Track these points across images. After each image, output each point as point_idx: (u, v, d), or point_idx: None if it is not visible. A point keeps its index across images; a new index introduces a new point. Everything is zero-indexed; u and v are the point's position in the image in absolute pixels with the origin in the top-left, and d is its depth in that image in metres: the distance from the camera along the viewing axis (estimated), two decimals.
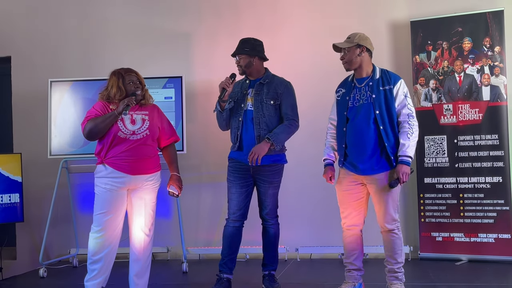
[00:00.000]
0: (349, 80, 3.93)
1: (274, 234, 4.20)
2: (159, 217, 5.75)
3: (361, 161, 3.73)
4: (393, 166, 3.70)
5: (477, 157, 5.02)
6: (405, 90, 3.76)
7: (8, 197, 5.38)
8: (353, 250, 3.90)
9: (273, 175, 4.12)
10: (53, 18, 6.18)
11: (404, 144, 3.67)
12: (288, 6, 5.76)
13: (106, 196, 3.78)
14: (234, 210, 4.12)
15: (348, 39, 3.83)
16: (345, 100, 3.84)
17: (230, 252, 4.15)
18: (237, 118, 4.12)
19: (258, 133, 4.06)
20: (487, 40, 5.02)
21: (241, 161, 4.10)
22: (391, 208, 3.73)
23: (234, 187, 4.12)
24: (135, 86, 3.89)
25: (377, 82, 3.78)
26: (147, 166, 3.84)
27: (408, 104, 3.74)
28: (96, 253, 3.77)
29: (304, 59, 5.66)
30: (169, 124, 4.09)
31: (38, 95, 5.90)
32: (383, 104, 3.72)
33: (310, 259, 5.51)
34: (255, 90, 4.14)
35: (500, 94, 4.98)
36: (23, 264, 5.83)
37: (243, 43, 4.19)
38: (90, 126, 3.76)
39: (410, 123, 3.70)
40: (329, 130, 4.00)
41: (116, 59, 5.92)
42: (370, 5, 5.58)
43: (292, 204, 5.55)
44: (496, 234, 4.93)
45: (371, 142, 3.71)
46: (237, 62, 4.16)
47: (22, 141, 6.08)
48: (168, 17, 5.97)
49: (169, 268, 5.42)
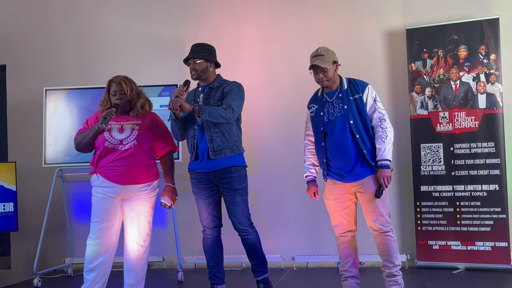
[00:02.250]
0: (319, 95, 3.96)
1: (252, 243, 4.06)
2: (155, 226, 5.71)
3: (346, 171, 3.79)
4: (375, 170, 3.76)
5: (474, 165, 5.01)
6: (373, 95, 3.81)
7: (2, 206, 5.35)
8: (347, 257, 3.91)
9: (236, 182, 3.97)
10: (48, 27, 6.17)
11: (380, 148, 3.74)
12: (285, 16, 5.75)
13: (99, 205, 3.79)
14: (207, 221, 4.07)
15: (322, 57, 3.78)
16: (320, 116, 3.88)
17: (216, 263, 4.11)
18: (193, 127, 4.01)
19: (210, 136, 3.93)
20: (483, 48, 5.03)
21: (200, 170, 4.00)
22: (382, 210, 3.77)
23: (201, 199, 4.05)
24: (118, 97, 3.84)
25: (346, 92, 3.82)
26: (139, 176, 3.81)
27: (379, 108, 3.79)
28: (92, 261, 3.77)
29: (302, 65, 5.65)
30: (166, 133, 4.04)
31: (33, 103, 5.89)
32: (356, 113, 3.77)
33: (306, 267, 5.48)
34: (204, 95, 4.05)
35: (496, 102, 4.98)
36: (18, 274, 5.79)
37: (200, 47, 4.09)
38: (78, 141, 3.86)
39: (383, 127, 3.77)
40: (306, 146, 4.03)
41: (111, 67, 5.90)
42: (365, 14, 5.58)
43: (288, 213, 5.55)
44: (493, 242, 4.91)
45: (351, 152, 3.76)
46: (192, 66, 4.03)
47: (17, 150, 6.05)
48: (164, 25, 5.96)
49: (165, 277, 5.39)
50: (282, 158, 5.60)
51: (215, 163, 3.94)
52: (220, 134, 3.93)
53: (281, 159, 5.60)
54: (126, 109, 3.89)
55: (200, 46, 4.11)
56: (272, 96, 5.68)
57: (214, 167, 3.94)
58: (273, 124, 5.67)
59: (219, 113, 3.84)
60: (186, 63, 4.12)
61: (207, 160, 3.95)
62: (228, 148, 3.96)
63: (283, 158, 5.60)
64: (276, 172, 5.62)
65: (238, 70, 4.83)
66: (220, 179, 3.97)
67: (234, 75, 4.36)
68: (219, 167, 3.94)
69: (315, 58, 3.78)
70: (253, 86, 4.30)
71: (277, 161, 5.63)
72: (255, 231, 4.10)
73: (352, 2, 5.62)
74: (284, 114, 5.64)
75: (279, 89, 5.68)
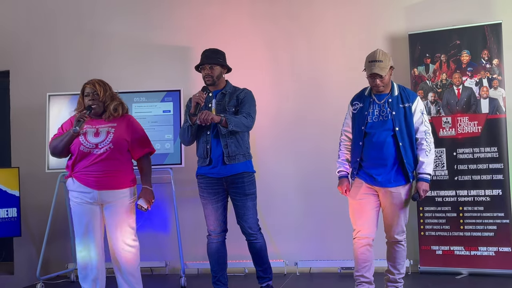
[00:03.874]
0: (366, 94, 3.91)
1: (260, 247, 4.09)
2: (157, 231, 5.76)
3: (380, 174, 3.75)
4: (409, 181, 3.76)
5: (477, 170, 5.00)
6: (422, 108, 3.81)
7: (5, 212, 5.35)
8: (365, 262, 3.85)
9: (248, 187, 4.02)
10: (52, 33, 6.18)
11: (424, 162, 3.74)
12: (286, 21, 5.76)
13: (78, 210, 3.76)
14: (214, 226, 4.07)
15: (380, 63, 3.69)
16: (363, 115, 3.84)
17: (220, 268, 4.12)
18: (205, 132, 4.02)
19: (225, 142, 3.97)
20: (485, 52, 5.03)
21: (213, 175, 4.02)
22: (402, 221, 3.79)
23: (209, 204, 4.06)
24: (91, 98, 3.80)
25: (396, 99, 3.79)
26: (116, 181, 3.75)
27: (425, 121, 3.79)
28: (82, 267, 3.78)
29: (301, 73, 5.67)
30: (143, 135, 3.96)
31: (36, 109, 5.89)
32: (402, 121, 3.75)
33: (309, 273, 5.47)
34: (217, 100, 4.08)
35: (499, 107, 4.97)
36: (21, 279, 5.77)
37: (215, 53, 4.12)
38: (53, 146, 3.82)
39: (428, 140, 3.76)
40: (343, 142, 3.99)
41: (114, 73, 5.92)
42: (368, 18, 5.59)
43: (291, 218, 5.54)
44: (496, 248, 4.90)
45: (390, 157, 3.74)
46: (208, 72, 4.06)
47: (20, 155, 6.06)
48: (167, 30, 5.97)
49: (167, 283, 5.38)
50: (284, 163, 5.60)
51: (229, 168, 3.98)
52: (234, 140, 3.99)
53: (284, 164, 5.60)
54: (100, 111, 3.84)
55: (214, 51, 4.14)
56: (275, 101, 5.68)
57: (228, 173, 3.98)
58: (275, 129, 5.67)
59: (243, 122, 3.94)
60: (198, 69, 4.15)
61: (221, 165, 3.98)
62: (241, 154, 4.02)
63: (286, 163, 5.60)
64: (278, 177, 5.61)
65: (241, 75, 4.82)
66: (232, 184, 4.00)
67: (239, 81, 4.37)
68: (233, 173, 3.98)
69: (373, 64, 3.69)
70: (256, 92, 4.29)
71: (279, 166, 5.62)
72: (263, 237, 4.14)
73: (355, 7, 5.63)
74: (287, 118, 5.64)
75: (282, 94, 5.69)
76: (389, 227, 3.80)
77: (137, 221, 3.91)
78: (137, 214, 3.90)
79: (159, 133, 5.37)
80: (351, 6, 5.64)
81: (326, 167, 5.15)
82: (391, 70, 3.79)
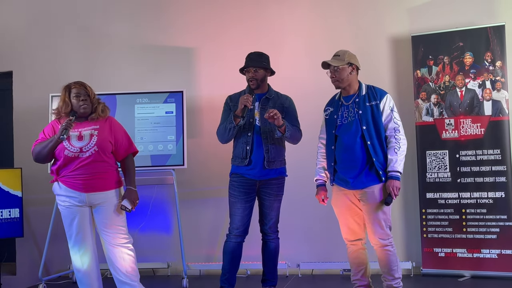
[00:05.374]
0: (336, 99, 3.96)
1: (274, 248, 4.18)
2: (160, 233, 5.76)
3: (351, 177, 3.75)
4: (382, 180, 3.71)
5: (479, 172, 4.99)
6: (391, 105, 3.79)
7: (8, 212, 5.36)
8: (359, 266, 3.87)
9: (278, 188, 4.14)
10: (54, 33, 6.19)
11: (392, 159, 3.69)
12: (290, 21, 5.77)
13: (67, 213, 3.78)
14: (238, 225, 4.08)
15: (337, 57, 3.82)
16: (333, 119, 3.87)
17: (232, 268, 4.13)
18: (246, 133, 4.07)
19: (266, 147, 4.05)
20: (489, 54, 5.02)
21: (250, 176, 4.08)
22: (383, 223, 3.72)
23: (239, 202, 4.08)
24: (81, 99, 3.81)
25: (363, 98, 3.80)
26: (103, 182, 3.76)
27: (394, 118, 3.76)
28: (77, 269, 3.83)
29: (304, 75, 5.66)
30: (126, 136, 3.98)
31: (39, 109, 5.89)
32: (370, 120, 3.74)
33: (311, 275, 5.46)
34: (261, 104, 4.12)
35: (501, 109, 4.96)
36: (23, 280, 5.79)
37: (260, 56, 4.13)
38: (36, 152, 3.80)
39: (397, 137, 3.73)
40: (319, 149, 4.02)
41: (117, 73, 5.94)
42: (371, 20, 5.58)
43: (293, 219, 5.52)
44: (499, 250, 4.88)
45: (360, 157, 3.73)
46: (253, 75, 4.07)
47: (23, 156, 6.05)
48: (170, 32, 5.97)
49: (170, 284, 5.38)
50: (288, 164, 5.58)
51: (267, 172, 4.08)
52: (275, 146, 4.08)
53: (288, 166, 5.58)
54: (89, 113, 3.85)
55: (259, 55, 4.16)
56: None
57: (265, 176, 4.07)
58: None
59: (297, 135, 4.11)
60: (243, 72, 4.18)
61: (260, 168, 4.06)
62: (279, 160, 4.12)
63: (290, 164, 5.58)
64: None
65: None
66: (265, 185, 4.10)
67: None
68: (270, 177, 4.08)
69: (332, 58, 3.81)
70: None
71: None
72: (279, 240, 4.22)
73: (357, 9, 5.62)
74: None
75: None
76: (370, 230, 3.76)
77: (139, 222, 3.91)
78: (137, 215, 3.91)
79: (162, 134, 5.37)
80: (354, 8, 5.64)
81: None
82: (351, 68, 3.80)
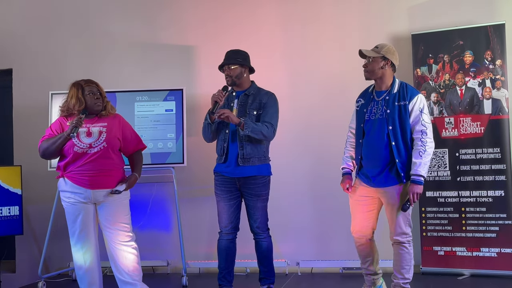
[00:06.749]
0: (369, 91, 3.92)
1: (267, 247, 4.16)
2: (159, 230, 5.76)
3: (373, 174, 3.75)
4: (402, 181, 3.69)
5: (479, 171, 4.99)
6: (421, 106, 3.70)
7: (7, 210, 5.36)
8: (366, 257, 3.90)
9: (259, 188, 4.08)
10: (54, 31, 6.19)
11: (416, 162, 3.63)
12: (289, 20, 5.76)
13: (71, 210, 3.78)
14: (225, 223, 4.11)
15: (375, 49, 3.80)
16: (363, 112, 3.85)
17: (227, 265, 4.15)
18: (224, 131, 4.09)
19: (241, 144, 4.02)
20: (489, 53, 5.02)
21: (227, 174, 4.08)
22: (401, 221, 3.71)
23: (222, 201, 4.11)
24: (96, 97, 3.84)
25: (393, 96, 3.75)
26: (109, 179, 3.78)
27: (423, 120, 3.68)
28: (78, 267, 3.82)
29: (304, 72, 5.66)
30: (133, 133, 4.04)
31: (39, 107, 5.90)
32: (396, 120, 3.70)
33: (311, 273, 5.46)
34: (240, 101, 4.12)
35: (501, 108, 4.96)
36: (22, 277, 5.80)
37: (235, 53, 4.17)
38: (44, 148, 3.80)
39: (423, 140, 3.65)
40: (348, 139, 4.00)
41: (117, 71, 5.94)
42: (371, 18, 5.58)
43: (292, 218, 5.53)
44: (499, 249, 4.89)
45: (383, 157, 3.71)
46: (227, 72, 4.11)
47: (23, 154, 6.06)
48: (170, 29, 5.97)
49: (169, 282, 5.38)
50: (287, 164, 5.58)
51: (242, 170, 4.03)
52: (250, 143, 4.02)
53: (287, 165, 5.59)
54: (100, 110, 3.88)
55: (235, 52, 4.18)
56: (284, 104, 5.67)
57: (240, 174, 4.03)
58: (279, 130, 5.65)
59: (262, 131, 3.97)
60: (221, 70, 4.19)
61: (235, 165, 4.03)
62: (256, 157, 4.06)
63: (288, 164, 5.59)
64: (281, 177, 5.60)
65: None
66: (244, 184, 4.06)
67: None
68: (245, 175, 4.03)
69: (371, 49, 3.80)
70: None
71: (282, 166, 5.61)
72: (270, 237, 4.19)
73: (357, 7, 5.62)
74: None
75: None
76: (390, 227, 3.78)
77: (138, 220, 3.92)
78: (137, 213, 3.91)
79: (162, 132, 5.37)
80: (353, 6, 5.63)
81: (328, 168, 5.15)
82: (384, 62, 3.77)
